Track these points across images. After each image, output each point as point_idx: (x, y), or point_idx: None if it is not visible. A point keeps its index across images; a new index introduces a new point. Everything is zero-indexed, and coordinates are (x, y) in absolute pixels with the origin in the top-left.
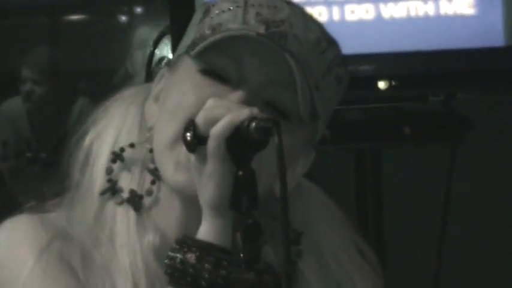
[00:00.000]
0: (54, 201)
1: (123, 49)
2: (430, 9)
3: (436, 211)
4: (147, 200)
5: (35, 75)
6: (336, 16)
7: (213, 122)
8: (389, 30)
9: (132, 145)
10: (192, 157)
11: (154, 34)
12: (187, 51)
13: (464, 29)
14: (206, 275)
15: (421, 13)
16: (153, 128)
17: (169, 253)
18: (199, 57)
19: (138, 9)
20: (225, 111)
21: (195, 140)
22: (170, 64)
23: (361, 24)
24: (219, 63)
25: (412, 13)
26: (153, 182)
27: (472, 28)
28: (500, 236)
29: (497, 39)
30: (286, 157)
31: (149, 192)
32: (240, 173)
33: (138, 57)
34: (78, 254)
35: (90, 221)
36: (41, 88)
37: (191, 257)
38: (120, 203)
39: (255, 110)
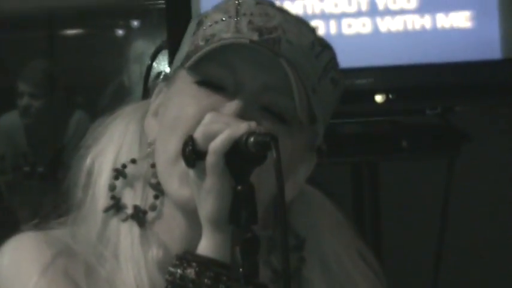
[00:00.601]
0: (58, 220)
1: (120, 62)
2: (427, 23)
3: (434, 224)
4: (150, 215)
5: (32, 90)
6: (333, 30)
7: (211, 137)
8: (386, 44)
9: (133, 161)
10: (191, 172)
11: (151, 48)
12: (182, 64)
13: (461, 42)
14: None
15: (417, 26)
16: (154, 143)
17: (170, 268)
18: (194, 69)
19: (135, 23)
20: (223, 126)
21: (193, 155)
22: (167, 78)
23: (358, 37)
24: (214, 73)
25: (409, 26)
26: (156, 197)
27: (469, 41)
28: (499, 248)
29: (495, 52)
30: (287, 163)
31: (153, 207)
32: (239, 187)
33: (135, 71)
34: (82, 269)
35: (94, 238)
36: (38, 102)
37: (191, 272)
38: (124, 219)
39: (253, 125)
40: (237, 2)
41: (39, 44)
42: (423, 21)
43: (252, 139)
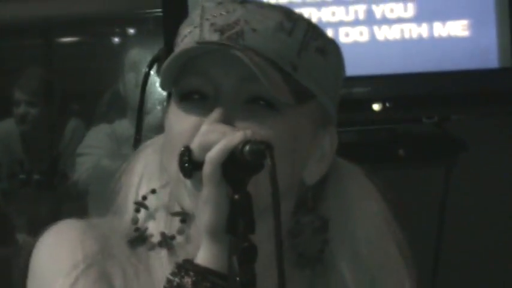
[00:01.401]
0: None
1: (116, 70)
2: (424, 32)
3: (431, 232)
4: (179, 239)
5: (28, 97)
6: None
7: (207, 147)
8: (383, 53)
9: (153, 191)
10: (188, 183)
11: (147, 56)
12: (163, 87)
13: (458, 51)
14: None
15: (415, 35)
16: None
17: (169, 276)
18: (176, 86)
19: (131, 31)
20: (219, 136)
21: (190, 165)
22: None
23: (355, 46)
24: (192, 85)
25: (406, 35)
26: (183, 221)
27: (466, 50)
28: (495, 256)
29: (491, 61)
30: (292, 147)
31: (181, 231)
32: (236, 196)
33: (131, 79)
34: (119, 274)
35: (125, 258)
36: (35, 110)
37: (188, 281)
38: (151, 249)
39: (248, 133)
40: (201, 9)
41: (36, 52)
42: (420, 30)
43: (247, 148)
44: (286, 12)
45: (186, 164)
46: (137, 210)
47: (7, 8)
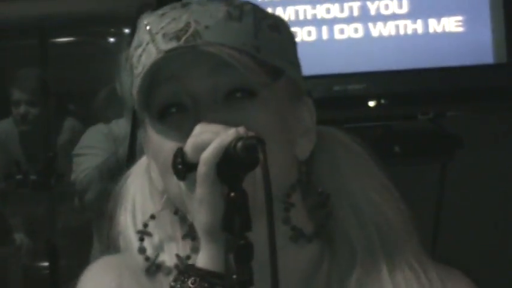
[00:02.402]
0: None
1: (112, 70)
2: (419, 28)
3: (427, 228)
4: (194, 257)
5: (28, 97)
6: (325, 35)
7: (201, 147)
8: (378, 49)
9: (153, 216)
10: (182, 185)
11: None
12: (139, 110)
13: (453, 47)
14: None
15: (409, 31)
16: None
17: (171, 283)
18: (149, 106)
19: (126, 30)
20: (212, 135)
21: (184, 167)
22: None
23: (350, 42)
24: (166, 97)
25: (401, 32)
26: (193, 238)
27: (461, 46)
28: (491, 250)
29: (486, 57)
30: (280, 128)
31: (195, 249)
32: (232, 194)
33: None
34: None
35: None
36: (35, 109)
37: (188, 284)
38: (168, 273)
39: (241, 130)
40: (145, 27)
41: (31, 52)
42: (415, 26)
43: (240, 144)
44: (228, 1)
45: (180, 166)
46: (141, 239)
47: (2, 8)
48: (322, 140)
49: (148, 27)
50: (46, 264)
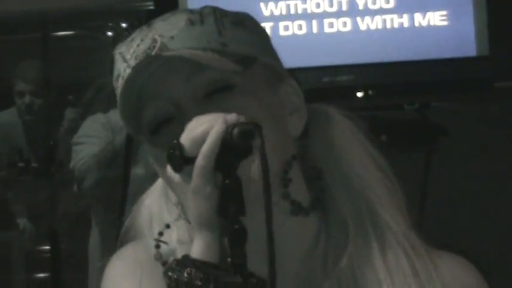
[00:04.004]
0: None
1: (109, 63)
2: (405, 22)
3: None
4: None
5: (33, 88)
6: (315, 29)
7: (199, 140)
8: (366, 42)
9: (168, 226)
10: (177, 176)
11: None
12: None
13: (438, 40)
14: None
15: (396, 25)
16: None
17: (168, 273)
18: (141, 130)
19: (123, 24)
20: (206, 126)
21: (182, 161)
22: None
23: (339, 36)
24: (153, 115)
25: (388, 25)
26: None
27: (445, 39)
28: (474, 235)
29: (470, 50)
30: (267, 113)
31: None
32: (227, 181)
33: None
34: None
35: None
36: (39, 100)
37: (184, 275)
38: None
39: (233, 116)
40: (119, 57)
41: (33, 45)
42: (401, 20)
43: (236, 130)
44: (189, 10)
45: (178, 159)
46: (157, 247)
47: (5, 4)
48: (316, 117)
49: (122, 56)
50: (47, 247)
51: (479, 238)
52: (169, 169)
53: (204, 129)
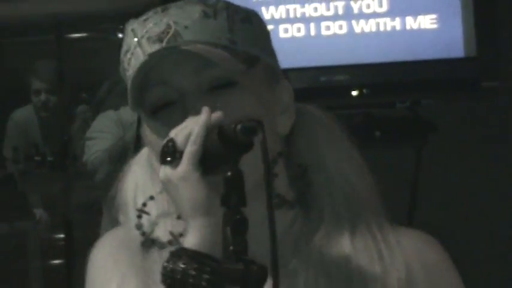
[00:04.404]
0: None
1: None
2: (397, 25)
3: (403, 207)
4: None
5: (48, 86)
6: (313, 32)
7: (188, 135)
8: (360, 44)
9: (152, 197)
10: (167, 168)
11: None
12: (135, 110)
13: (428, 42)
14: (191, 280)
15: (389, 28)
16: None
17: (164, 263)
18: (142, 105)
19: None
20: (193, 123)
21: (174, 153)
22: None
23: (335, 38)
24: (156, 98)
25: (381, 28)
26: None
27: (435, 41)
28: (462, 228)
29: (458, 51)
30: (264, 110)
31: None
32: (229, 173)
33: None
34: (139, 280)
35: (139, 262)
36: (54, 97)
37: (179, 265)
38: (162, 247)
39: (218, 113)
40: (131, 33)
41: (48, 46)
42: (394, 24)
43: (239, 127)
44: (203, 1)
45: (171, 153)
46: (139, 217)
47: (22, 7)
48: (302, 117)
49: (134, 33)
50: (62, 236)
51: (465, 226)
52: (162, 164)
53: (191, 125)
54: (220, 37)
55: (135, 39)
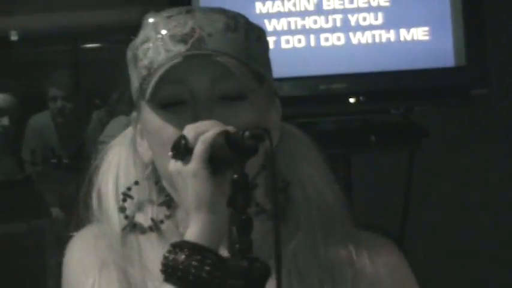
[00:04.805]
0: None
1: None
2: (391, 37)
3: (398, 207)
4: (167, 223)
5: (64, 94)
6: (313, 43)
7: (200, 134)
8: (357, 54)
9: (136, 182)
10: (179, 164)
11: None
12: (142, 98)
13: (420, 53)
14: (193, 271)
15: (384, 40)
16: (150, 164)
17: (165, 253)
18: (153, 97)
19: None
20: (207, 125)
21: (185, 150)
22: (135, 107)
23: (333, 49)
24: (169, 94)
25: (377, 40)
26: (168, 207)
27: (427, 52)
28: (453, 229)
29: (448, 61)
30: (263, 122)
31: (169, 216)
32: (236, 176)
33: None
34: (118, 266)
35: (118, 247)
36: (70, 104)
37: (181, 256)
38: (142, 232)
39: (230, 127)
40: (152, 25)
41: (63, 56)
42: (388, 35)
43: (247, 133)
44: (224, 12)
45: (182, 148)
46: (124, 200)
47: (41, 19)
48: (282, 134)
49: (155, 26)
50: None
51: (456, 227)
52: (172, 159)
53: (206, 127)
54: (240, 52)
55: (158, 35)
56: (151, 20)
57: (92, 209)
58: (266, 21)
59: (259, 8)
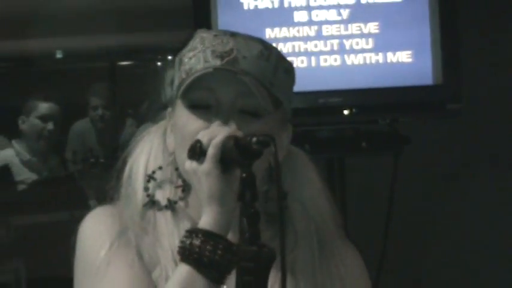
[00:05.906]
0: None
1: (159, 85)
2: (380, 59)
3: (383, 205)
4: (180, 204)
5: (104, 103)
6: (313, 63)
7: (213, 139)
8: (351, 73)
9: (160, 167)
10: (194, 164)
11: None
12: (176, 96)
13: (404, 72)
14: (207, 253)
15: (373, 61)
16: (174, 153)
17: (182, 238)
18: (185, 97)
19: (169, 56)
20: (219, 131)
21: (200, 152)
22: (171, 104)
23: (331, 69)
24: (199, 97)
25: (368, 61)
26: (183, 191)
27: (410, 71)
28: (436, 228)
29: (428, 79)
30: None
31: (182, 198)
32: (244, 175)
33: (168, 92)
34: (134, 238)
35: (137, 219)
36: (108, 112)
37: (197, 241)
38: (160, 209)
39: (238, 131)
40: (200, 39)
41: (102, 72)
42: (377, 58)
43: (254, 139)
44: (263, 43)
45: (198, 150)
46: (148, 181)
47: (82, 41)
48: (291, 154)
49: (202, 40)
50: None
51: (438, 228)
52: (188, 159)
53: (217, 132)
54: (265, 77)
55: (202, 45)
56: (202, 34)
57: (121, 182)
58: (274, 44)
59: (268, 33)
